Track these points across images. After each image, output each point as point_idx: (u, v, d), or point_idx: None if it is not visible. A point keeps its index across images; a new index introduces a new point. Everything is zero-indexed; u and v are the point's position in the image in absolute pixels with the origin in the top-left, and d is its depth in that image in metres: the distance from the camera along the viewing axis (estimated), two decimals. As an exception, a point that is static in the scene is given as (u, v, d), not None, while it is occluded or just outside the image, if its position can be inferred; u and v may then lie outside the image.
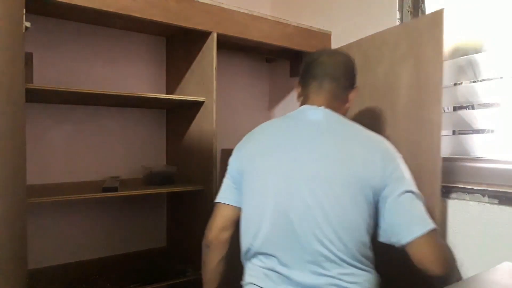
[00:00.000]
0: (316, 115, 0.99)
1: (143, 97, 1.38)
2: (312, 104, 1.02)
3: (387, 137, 1.38)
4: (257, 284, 0.96)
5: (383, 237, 0.93)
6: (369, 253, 0.94)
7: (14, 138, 0.84)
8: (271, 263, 0.94)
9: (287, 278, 0.91)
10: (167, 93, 1.82)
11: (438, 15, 1.19)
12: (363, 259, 0.91)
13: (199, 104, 1.53)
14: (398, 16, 1.49)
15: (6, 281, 0.78)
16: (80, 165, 1.62)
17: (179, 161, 1.72)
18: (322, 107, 1.00)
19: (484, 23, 1.28)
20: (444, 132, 1.48)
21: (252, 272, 0.99)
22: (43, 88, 1.15)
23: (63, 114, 1.58)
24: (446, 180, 1.35)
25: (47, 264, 1.53)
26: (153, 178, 1.50)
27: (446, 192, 1.33)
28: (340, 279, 0.88)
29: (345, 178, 0.89)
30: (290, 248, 0.91)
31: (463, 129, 1.42)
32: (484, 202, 1.21)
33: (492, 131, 1.35)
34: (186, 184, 1.54)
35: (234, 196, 1.06)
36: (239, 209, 1.05)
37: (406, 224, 0.88)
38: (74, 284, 1.36)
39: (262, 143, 1.02)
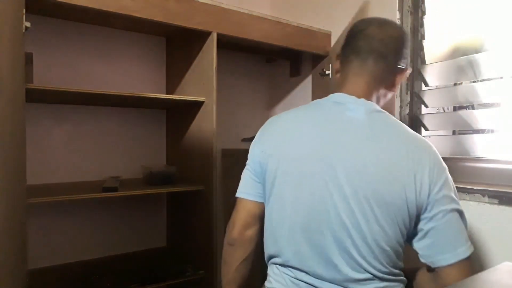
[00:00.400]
0: (357, 112, 0.84)
1: (143, 97, 1.38)
2: (351, 92, 0.87)
3: None
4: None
5: (421, 256, 0.85)
6: (400, 264, 0.87)
7: (14, 138, 0.84)
8: (301, 274, 0.86)
9: None
10: (167, 93, 1.82)
11: None
12: (396, 271, 0.85)
13: (199, 104, 1.53)
14: (398, 16, 1.49)
15: (6, 281, 0.78)
16: (80, 165, 1.62)
17: (179, 161, 1.72)
18: (362, 100, 0.86)
19: (484, 22, 1.28)
20: (444, 132, 1.48)
21: (278, 277, 0.90)
22: (43, 88, 1.15)
23: (63, 114, 1.58)
24: (446, 180, 1.34)
25: (47, 264, 1.53)
26: (153, 178, 1.50)
27: (446, 192, 1.32)
28: None
29: (388, 197, 0.78)
30: (323, 265, 0.83)
31: (463, 129, 1.42)
32: (484, 202, 1.21)
33: (492, 131, 1.35)
34: (186, 184, 1.54)
35: (257, 190, 0.95)
36: (263, 204, 0.96)
37: (450, 246, 0.81)
38: (74, 284, 1.36)
39: (294, 138, 0.87)
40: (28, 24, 0.97)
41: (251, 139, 1.03)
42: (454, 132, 1.49)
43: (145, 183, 1.56)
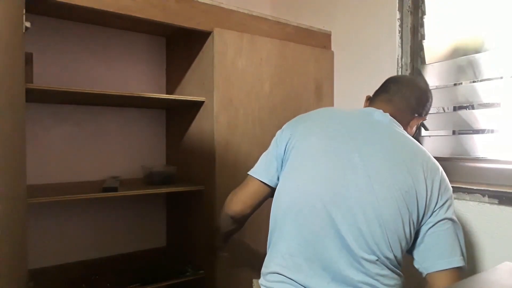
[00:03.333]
0: (383, 118, 0.95)
1: (143, 97, 1.38)
2: (378, 108, 0.98)
3: None
4: (285, 275, 0.88)
5: (415, 262, 0.89)
6: (401, 265, 0.90)
7: (14, 138, 0.84)
8: (307, 253, 0.87)
9: (323, 269, 0.85)
10: (167, 93, 1.82)
11: None
12: (398, 267, 0.88)
13: (199, 104, 1.53)
14: (398, 16, 1.49)
15: (6, 281, 0.78)
16: (80, 165, 1.62)
17: (179, 161, 1.72)
18: (387, 113, 0.96)
19: (484, 22, 1.28)
20: (444, 132, 1.48)
21: (279, 260, 0.90)
22: (43, 88, 1.15)
23: (63, 114, 1.58)
24: (446, 180, 1.34)
25: (47, 264, 1.53)
26: (153, 178, 1.50)
27: (446, 192, 1.32)
28: (377, 280, 0.84)
29: (405, 187, 0.84)
30: (335, 250, 0.85)
31: (463, 129, 1.42)
32: (484, 202, 1.21)
33: (492, 131, 1.35)
34: (186, 184, 1.54)
35: (271, 173, 1.00)
36: (271, 188, 1.01)
37: (446, 253, 0.84)
38: (74, 284, 1.36)
39: (323, 128, 0.95)
40: (28, 24, 0.97)
41: None
42: (454, 132, 1.49)
43: (145, 183, 1.56)
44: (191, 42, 1.58)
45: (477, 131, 1.39)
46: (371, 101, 1.07)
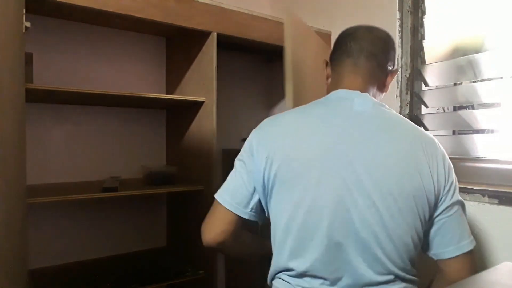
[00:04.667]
0: (365, 106, 0.83)
1: (143, 97, 1.38)
2: (352, 88, 0.86)
3: None
4: None
5: (424, 249, 0.86)
6: (416, 264, 0.85)
7: (14, 138, 0.84)
8: (318, 282, 0.80)
9: None
10: (167, 93, 1.82)
11: None
12: (414, 271, 0.84)
13: (199, 104, 1.53)
14: (398, 16, 1.49)
15: (6, 281, 0.78)
16: (80, 165, 1.62)
17: (179, 161, 1.72)
18: (366, 94, 0.85)
19: (484, 22, 1.28)
20: (444, 132, 1.48)
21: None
22: (43, 88, 1.15)
23: (63, 114, 1.58)
24: (446, 180, 1.35)
25: (47, 264, 1.53)
26: (153, 178, 1.50)
27: (446, 192, 1.32)
28: None
29: (409, 188, 0.77)
30: (343, 269, 0.79)
31: (463, 129, 1.42)
32: (484, 202, 1.21)
33: (492, 131, 1.35)
34: (186, 184, 1.54)
35: (244, 202, 0.87)
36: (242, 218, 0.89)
37: (455, 239, 0.82)
38: (74, 284, 1.36)
39: (302, 139, 0.82)
40: (28, 24, 0.97)
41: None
42: (454, 132, 1.49)
43: (145, 183, 1.56)
44: (191, 42, 1.58)
45: (477, 131, 1.39)
46: (334, 70, 0.93)
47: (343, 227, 0.77)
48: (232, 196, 0.88)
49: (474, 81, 1.37)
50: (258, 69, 2.22)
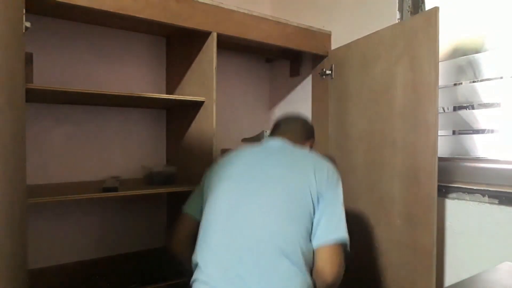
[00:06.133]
0: (274, 143, 1.16)
1: (143, 97, 1.38)
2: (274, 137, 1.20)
3: (385, 137, 1.39)
4: None
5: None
6: (311, 266, 0.98)
7: (14, 138, 0.84)
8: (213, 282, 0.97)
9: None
10: (167, 93, 1.82)
11: (432, 14, 1.18)
12: (309, 267, 0.96)
13: (199, 104, 1.53)
14: (398, 16, 1.49)
15: (6, 281, 0.78)
16: (80, 165, 1.62)
17: (179, 161, 1.72)
18: (281, 138, 1.17)
19: (484, 23, 1.28)
20: (444, 132, 1.48)
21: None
22: (43, 88, 1.15)
23: (63, 114, 1.58)
24: (446, 180, 1.35)
25: (47, 264, 1.53)
26: (153, 178, 1.50)
27: (446, 192, 1.33)
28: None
29: (299, 194, 0.98)
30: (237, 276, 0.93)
31: (463, 129, 1.42)
32: (484, 202, 1.21)
33: (492, 131, 1.35)
34: (186, 184, 1.54)
35: (198, 207, 1.14)
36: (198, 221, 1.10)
37: (325, 229, 0.96)
38: (74, 284, 1.36)
39: (227, 166, 1.13)
40: (28, 24, 0.97)
41: (251, 139, 1.08)
42: (454, 132, 1.49)
43: (145, 183, 1.56)
44: (191, 42, 1.58)
45: (477, 131, 1.39)
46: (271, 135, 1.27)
47: (237, 230, 0.96)
48: (190, 204, 1.21)
49: (474, 81, 1.37)
50: (258, 69, 2.22)
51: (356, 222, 1.56)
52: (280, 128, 1.24)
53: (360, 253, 1.53)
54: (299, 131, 1.24)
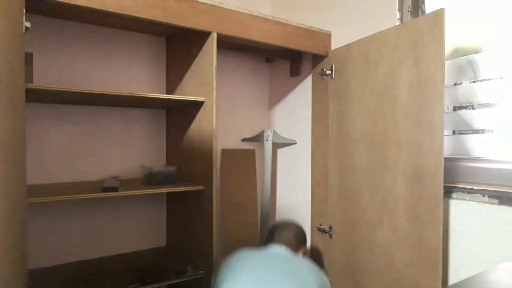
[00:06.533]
0: (280, 250, 1.32)
1: (143, 97, 1.38)
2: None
3: (389, 136, 1.39)
4: None
5: None
6: None
7: (14, 138, 0.84)
8: None
9: None
10: (167, 93, 1.82)
11: (439, 15, 1.19)
12: None
13: (199, 104, 1.53)
14: (398, 16, 1.49)
15: (6, 281, 0.78)
16: (80, 165, 1.62)
17: (179, 161, 1.72)
18: (285, 247, 1.34)
19: (484, 23, 1.28)
20: (444, 132, 1.48)
21: None
22: (43, 88, 1.15)
23: (63, 114, 1.58)
24: (446, 180, 1.35)
25: (47, 264, 1.53)
26: (153, 178, 1.50)
27: (446, 192, 1.33)
28: None
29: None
30: None
31: (463, 129, 1.42)
32: (484, 202, 1.21)
33: (492, 131, 1.35)
34: (186, 184, 1.54)
35: None
36: None
37: None
38: (74, 284, 1.36)
39: (235, 267, 1.24)
40: (28, 24, 0.97)
41: (251, 139, 1.06)
42: (454, 132, 1.49)
43: (145, 183, 1.56)
44: (191, 42, 1.58)
45: (477, 131, 1.39)
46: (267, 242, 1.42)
47: None
48: None
49: (474, 81, 1.37)
50: (258, 69, 2.22)
51: (358, 221, 1.56)
52: (274, 237, 1.40)
53: (362, 252, 1.53)
54: (293, 240, 1.41)
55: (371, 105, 1.47)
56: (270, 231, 1.46)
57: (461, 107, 1.50)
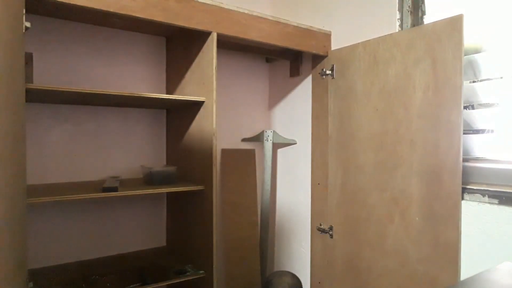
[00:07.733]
0: None
1: (143, 97, 1.38)
2: None
3: (401, 136, 1.40)
4: None
5: None
6: None
7: (14, 138, 0.84)
8: None
9: None
10: (167, 93, 1.82)
11: (458, 20, 1.22)
12: None
13: (199, 104, 1.53)
14: (398, 16, 1.49)
15: (6, 280, 0.78)
16: (80, 165, 1.62)
17: (179, 161, 1.72)
18: None
19: (484, 23, 1.28)
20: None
21: None
22: (43, 88, 1.15)
23: (63, 114, 1.58)
24: (446, 180, 1.35)
25: (47, 264, 1.53)
26: (153, 178, 1.50)
27: (446, 192, 1.33)
28: None
29: None
30: None
31: (463, 129, 1.42)
32: (484, 202, 1.21)
33: (492, 131, 1.35)
34: (186, 184, 1.54)
35: None
36: None
37: None
38: (74, 284, 1.36)
39: None
40: (28, 24, 0.97)
41: (251, 139, 1.05)
42: (454, 132, 1.49)
43: (145, 183, 1.56)
44: (191, 42, 1.58)
45: (477, 131, 1.39)
46: None
47: None
48: None
49: (474, 81, 1.37)
50: (258, 69, 2.22)
51: (364, 220, 1.56)
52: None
53: (369, 251, 1.53)
54: None
55: (380, 105, 1.48)
56: (267, 282, 1.53)
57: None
